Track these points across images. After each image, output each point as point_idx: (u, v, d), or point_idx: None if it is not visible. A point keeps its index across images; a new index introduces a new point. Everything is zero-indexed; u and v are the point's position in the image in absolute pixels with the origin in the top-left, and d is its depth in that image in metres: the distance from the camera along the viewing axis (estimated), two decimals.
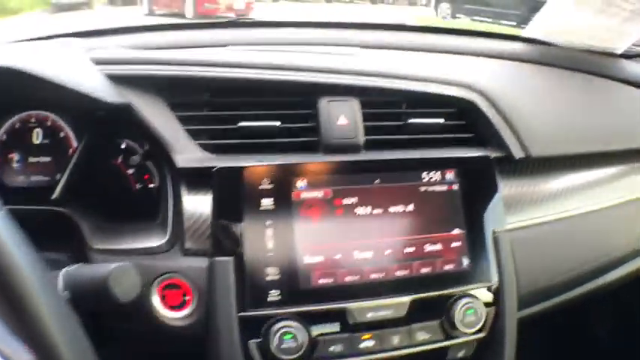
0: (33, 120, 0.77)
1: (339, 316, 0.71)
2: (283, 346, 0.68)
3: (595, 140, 0.90)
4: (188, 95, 0.76)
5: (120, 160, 0.79)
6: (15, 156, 0.78)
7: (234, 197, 0.71)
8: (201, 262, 0.70)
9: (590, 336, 1.28)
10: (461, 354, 0.78)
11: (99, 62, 0.74)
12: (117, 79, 0.72)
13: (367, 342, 0.72)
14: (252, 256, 0.70)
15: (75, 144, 0.78)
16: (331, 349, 0.71)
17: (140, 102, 0.72)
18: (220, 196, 0.72)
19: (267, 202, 0.71)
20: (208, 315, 0.70)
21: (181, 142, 0.72)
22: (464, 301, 0.74)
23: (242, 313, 0.69)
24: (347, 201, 0.73)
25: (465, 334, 0.75)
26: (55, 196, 0.72)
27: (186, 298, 0.70)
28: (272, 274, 0.70)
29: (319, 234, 0.72)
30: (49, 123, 0.76)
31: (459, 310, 0.73)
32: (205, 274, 0.70)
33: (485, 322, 0.76)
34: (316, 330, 0.70)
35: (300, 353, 0.68)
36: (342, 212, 0.73)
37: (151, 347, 0.82)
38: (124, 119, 0.72)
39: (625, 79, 0.99)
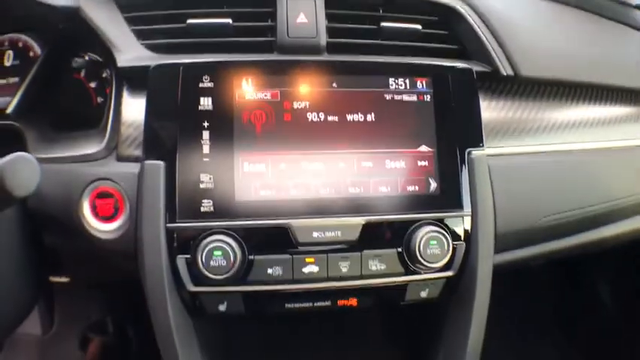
0: (6, 43, 0.76)
1: (280, 234, 0.62)
2: (212, 263, 0.60)
3: (594, 71, 0.79)
4: None
5: (83, 73, 0.76)
6: None
7: (169, 95, 0.64)
8: (134, 168, 0.64)
9: (589, 291, 1.16)
10: (424, 294, 0.68)
11: None
12: None
13: (311, 267, 0.63)
14: (186, 160, 0.62)
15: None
16: (269, 271, 0.62)
17: (89, 4, 0.68)
18: (155, 93, 0.64)
19: (205, 102, 0.63)
20: (137, 226, 0.63)
21: (126, 42, 0.67)
22: (427, 229, 0.64)
23: (171, 224, 0.61)
24: (297, 105, 0.64)
25: (428, 268, 0.65)
26: (9, 110, 0.69)
27: (118, 209, 0.64)
28: (206, 181, 0.62)
29: (263, 140, 0.63)
30: (20, 44, 0.75)
31: (421, 240, 0.63)
32: (137, 181, 0.63)
33: (452, 257, 0.65)
34: (252, 248, 0.62)
35: (231, 273, 0.60)
36: (291, 117, 0.64)
37: (92, 267, 0.78)
38: (84, 31, 0.68)
39: (635, 26, 0.88)
